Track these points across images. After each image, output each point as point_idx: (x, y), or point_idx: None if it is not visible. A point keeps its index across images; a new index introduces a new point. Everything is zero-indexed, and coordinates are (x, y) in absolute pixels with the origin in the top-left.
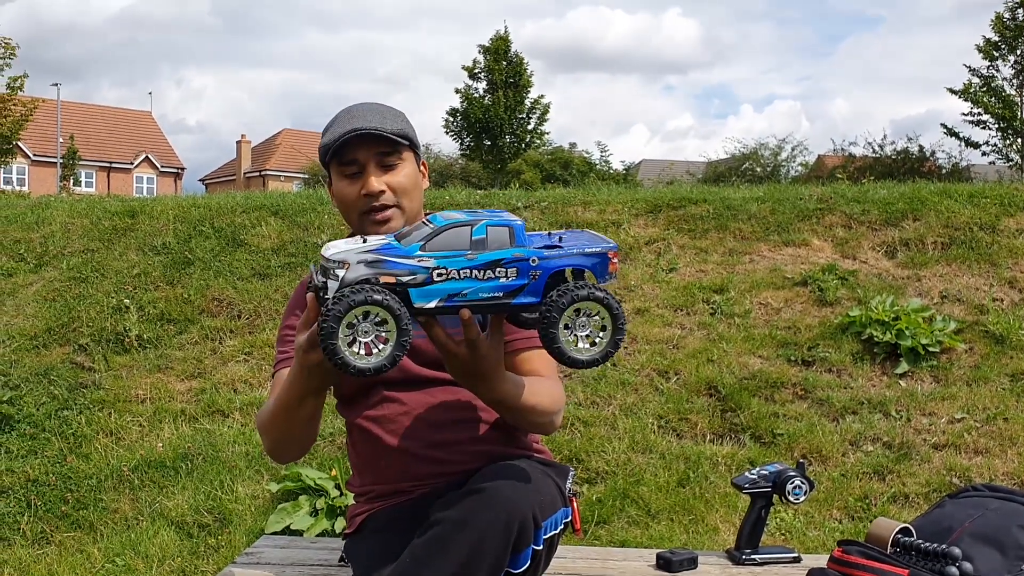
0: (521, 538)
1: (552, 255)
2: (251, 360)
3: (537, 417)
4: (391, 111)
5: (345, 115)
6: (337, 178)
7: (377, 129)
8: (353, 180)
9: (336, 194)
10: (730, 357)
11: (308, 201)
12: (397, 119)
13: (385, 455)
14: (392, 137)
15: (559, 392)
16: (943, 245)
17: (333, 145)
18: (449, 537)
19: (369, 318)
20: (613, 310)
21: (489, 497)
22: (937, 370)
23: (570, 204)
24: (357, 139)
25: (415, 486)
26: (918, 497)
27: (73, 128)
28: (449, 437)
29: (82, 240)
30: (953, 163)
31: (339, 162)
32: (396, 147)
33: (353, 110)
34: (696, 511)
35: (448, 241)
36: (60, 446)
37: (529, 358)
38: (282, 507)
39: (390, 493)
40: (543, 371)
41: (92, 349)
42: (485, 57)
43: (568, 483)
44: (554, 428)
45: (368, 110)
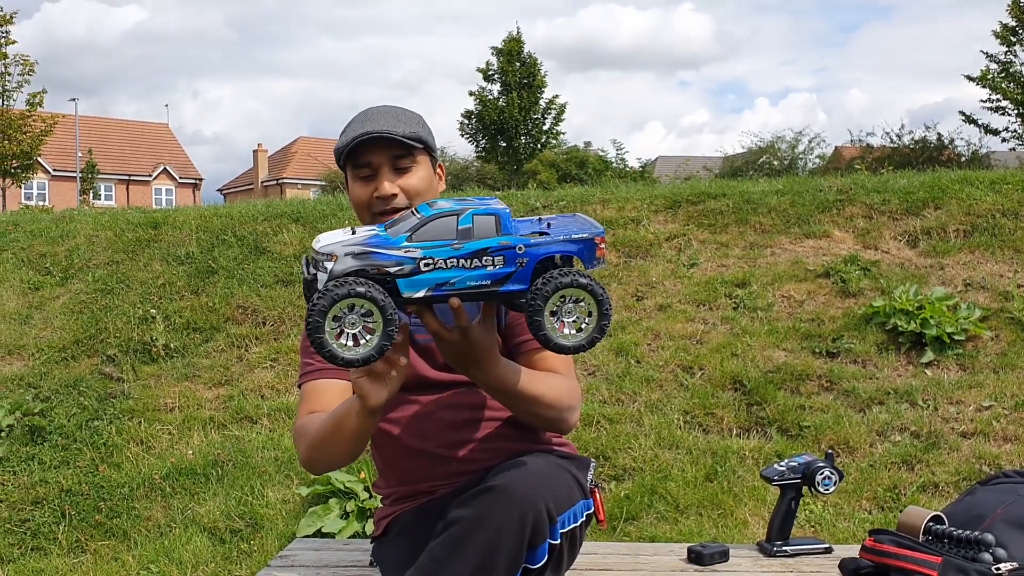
0: (536, 533)
1: (538, 242)
2: (277, 366)
3: (542, 409)
4: (407, 114)
5: (360, 118)
6: (352, 180)
7: (389, 132)
8: (367, 182)
9: (351, 196)
10: (754, 351)
11: (328, 207)
12: (412, 122)
13: (406, 457)
14: (405, 140)
15: (571, 388)
16: (965, 233)
17: (346, 148)
18: (465, 536)
19: (355, 310)
20: (598, 296)
21: (501, 494)
22: (963, 358)
23: (588, 203)
24: (370, 142)
25: (436, 486)
26: (948, 486)
27: (92, 142)
28: (467, 436)
29: (106, 252)
30: (972, 150)
31: (353, 164)
32: (409, 150)
33: (368, 113)
34: (725, 505)
35: (435, 231)
36: (92, 456)
37: (544, 356)
38: (313, 511)
39: (413, 494)
40: (558, 369)
41: (120, 359)
42: (498, 59)
43: (589, 475)
44: (568, 425)
45: (383, 113)
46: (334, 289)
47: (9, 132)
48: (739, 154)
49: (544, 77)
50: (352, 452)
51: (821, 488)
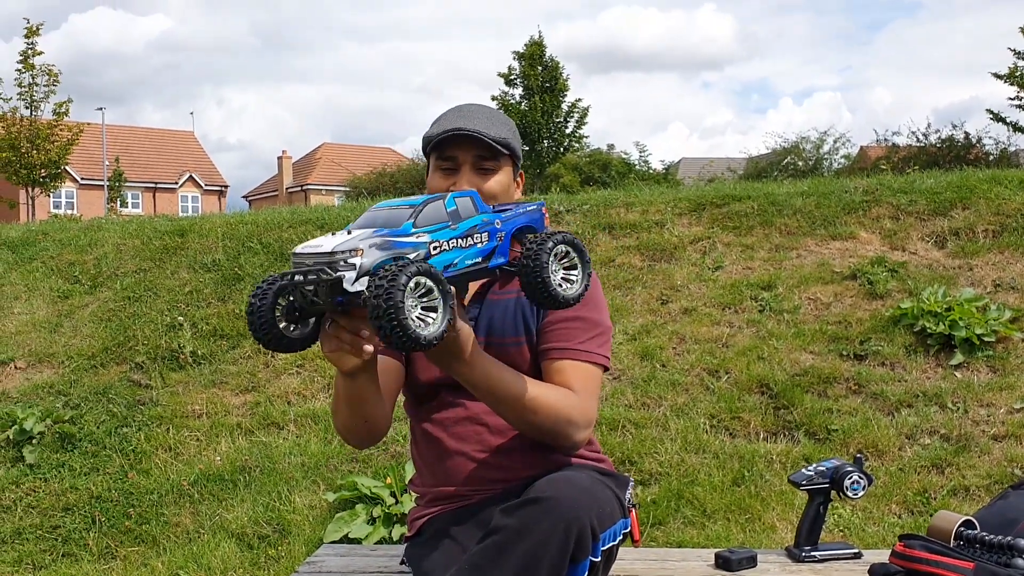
0: (579, 548)
1: (509, 216)
2: (303, 372)
3: (535, 417)
4: (500, 117)
5: (455, 112)
6: (433, 170)
7: (480, 133)
8: (447, 175)
9: (429, 187)
10: (781, 354)
11: (353, 214)
12: (503, 127)
13: (446, 458)
14: (492, 143)
15: (577, 404)
16: (994, 233)
17: (435, 139)
18: (507, 545)
19: (416, 291)
20: (579, 247)
21: (548, 506)
22: (993, 360)
23: (612, 206)
24: (459, 137)
25: (475, 491)
26: (979, 490)
27: (118, 151)
28: (510, 443)
29: (134, 260)
30: (1001, 149)
31: (438, 155)
32: (495, 153)
33: (464, 109)
34: (752, 510)
35: (431, 215)
36: (121, 462)
37: (561, 369)
38: (339, 516)
39: (450, 497)
40: (573, 385)
41: (148, 367)
42: (520, 63)
43: (628, 493)
44: (570, 441)
45: (478, 112)
46: (404, 268)
47: (37, 142)
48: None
49: (566, 81)
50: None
51: (850, 493)
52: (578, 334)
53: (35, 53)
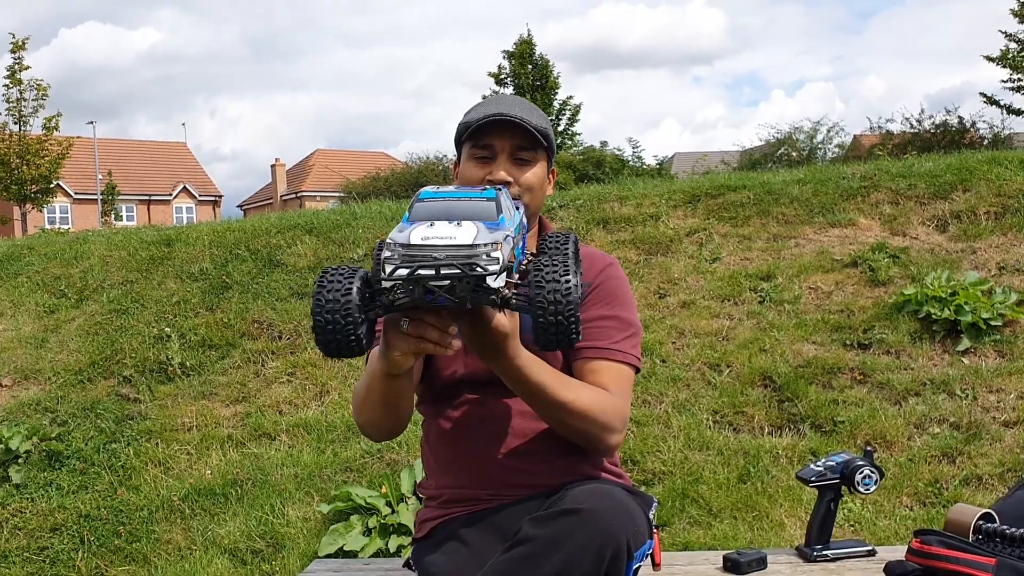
0: (614, 566)
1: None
2: (294, 381)
3: (571, 418)
4: (537, 108)
5: (493, 100)
6: (467, 158)
7: (523, 120)
8: (482, 164)
9: (462, 174)
10: (783, 345)
11: (342, 217)
12: (542, 118)
13: (464, 459)
14: (534, 131)
15: (613, 406)
16: (996, 215)
17: (475, 124)
18: (538, 556)
19: None
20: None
21: (585, 519)
22: (1001, 344)
23: (606, 200)
24: (499, 124)
25: (494, 495)
26: (992, 478)
27: (111, 164)
28: (535, 447)
29: (120, 272)
30: (995, 132)
31: (474, 144)
32: (534, 144)
33: (501, 98)
34: (760, 507)
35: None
36: (110, 479)
37: (596, 369)
38: (334, 528)
39: (466, 499)
40: (608, 385)
41: (136, 380)
42: (510, 62)
43: (651, 513)
44: (605, 444)
45: (516, 102)
46: (565, 264)
47: (27, 157)
48: (757, 147)
49: (557, 78)
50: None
51: (861, 488)
52: (613, 333)
53: (22, 68)
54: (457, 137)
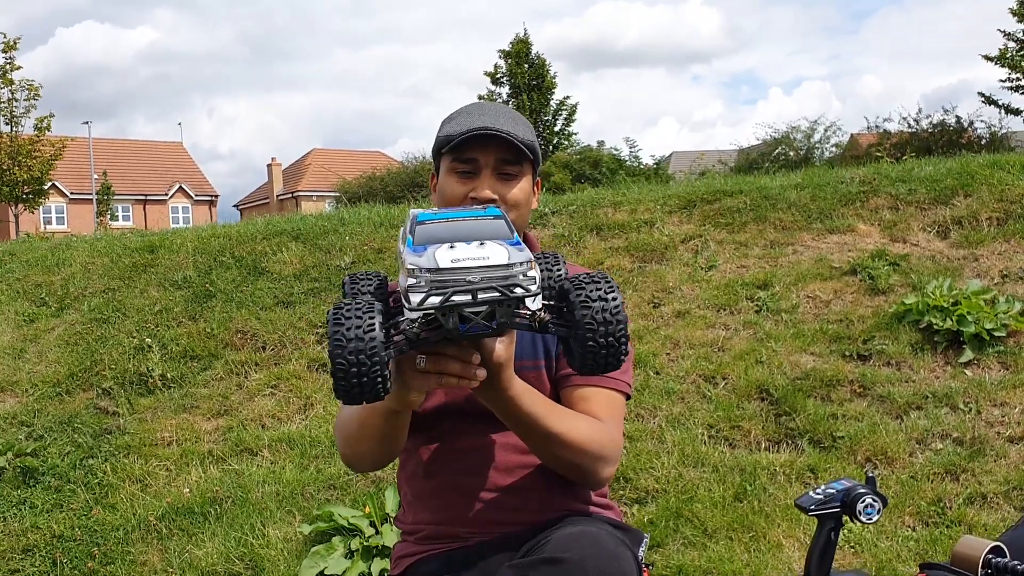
0: None
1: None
2: (278, 393)
3: (564, 451)
4: (522, 119)
5: (475, 110)
6: (447, 173)
7: (509, 133)
8: (464, 179)
9: (442, 190)
10: (780, 357)
11: (330, 223)
12: (527, 129)
13: (444, 493)
14: (520, 146)
15: (607, 437)
16: (999, 221)
17: (457, 137)
18: None
19: None
20: None
21: (569, 570)
22: (1005, 356)
23: (599, 206)
24: (483, 138)
25: (474, 533)
26: (997, 497)
27: (107, 164)
28: (519, 483)
29: (102, 280)
30: (992, 132)
31: (456, 157)
32: (520, 157)
33: (484, 107)
34: (756, 527)
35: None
36: (85, 497)
37: (587, 397)
38: (315, 550)
39: (444, 536)
40: (600, 414)
41: (116, 392)
42: (506, 62)
43: (641, 552)
44: (597, 478)
45: (499, 111)
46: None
47: (19, 158)
48: (754, 146)
49: (554, 78)
50: (383, 454)
51: (863, 517)
52: None
53: (13, 68)
54: (436, 148)
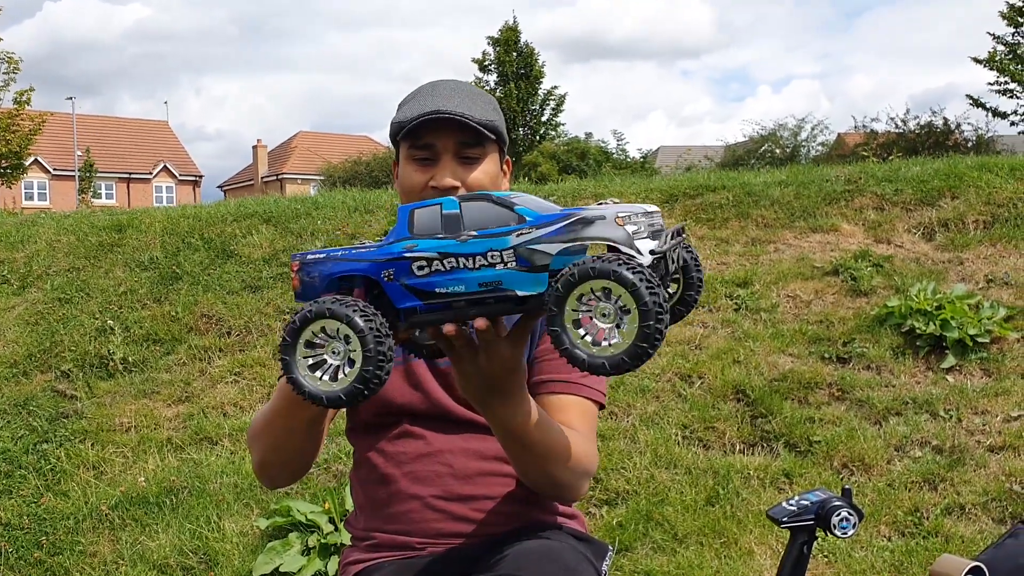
0: None
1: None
2: (241, 381)
3: (559, 469)
4: (482, 96)
5: (429, 91)
6: (406, 161)
7: (464, 116)
8: (424, 167)
9: (402, 179)
10: (758, 357)
11: (303, 206)
12: (488, 106)
13: (397, 500)
14: (478, 127)
15: (589, 451)
16: (985, 224)
17: (408, 124)
18: None
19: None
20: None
21: None
22: (988, 363)
23: (581, 197)
24: (438, 122)
25: (427, 543)
26: (976, 508)
27: (91, 141)
28: (476, 492)
29: (68, 258)
30: (979, 135)
31: (413, 144)
32: (480, 138)
33: (439, 87)
34: (728, 533)
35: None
36: (36, 483)
37: (564, 406)
38: (271, 546)
39: (395, 545)
40: (576, 425)
41: (75, 375)
42: (495, 49)
43: (605, 566)
44: (578, 494)
45: (456, 90)
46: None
47: None
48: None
49: (542, 67)
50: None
51: (838, 531)
52: None
53: None
54: (393, 136)
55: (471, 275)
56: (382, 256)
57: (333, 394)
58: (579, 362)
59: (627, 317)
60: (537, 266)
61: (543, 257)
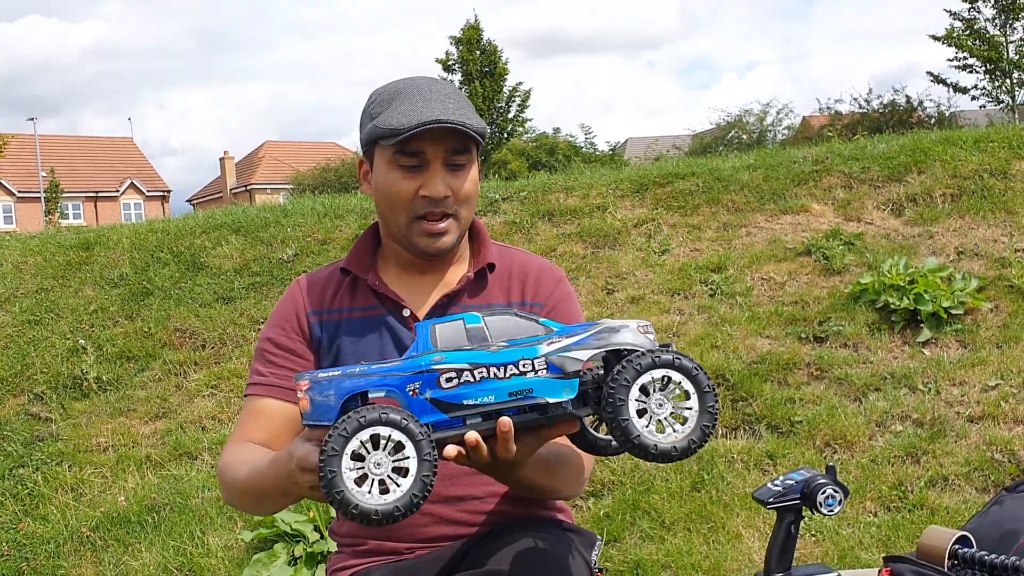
0: None
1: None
2: (219, 394)
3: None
4: (463, 97)
5: (415, 93)
6: (389, 167)
7: (464, 125)
8: (411, 175)
9: (384, 187)
10: (736, 340)
11: (272, 214)
12: (471, 107)
13: None
14: (473, 134)
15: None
16: (953, 197)
17: (405, 133)
18: None
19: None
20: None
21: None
22: (963, 334)
23: (551, 191)
24: (432, 130)
25: (414, 547)
26: (959, 479)
27: (55, 161)
28: (463, 492)
29: (35, 279)
30: (940, 111)
31: (400, 150)
32: (469, 144)
33: (423, 89)
34: (715, 518)
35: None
36: (14, 509)
37: None
38: (257, 558)
39: (382, 551)
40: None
41: (48, 397)
42: (458, 48)
43: (594, 556)
44: (567, 498)
45: (444, 94)
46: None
47: None
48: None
49: (506, 64)
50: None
51: (824, 509)
52: None
53: None
54: (369, 139)
55: (501, 384)
56: (408, 370)
57: (388, 509)
58: (648, 450)
59: (687, 403)
60: (569, 373)
61: (574, 363)
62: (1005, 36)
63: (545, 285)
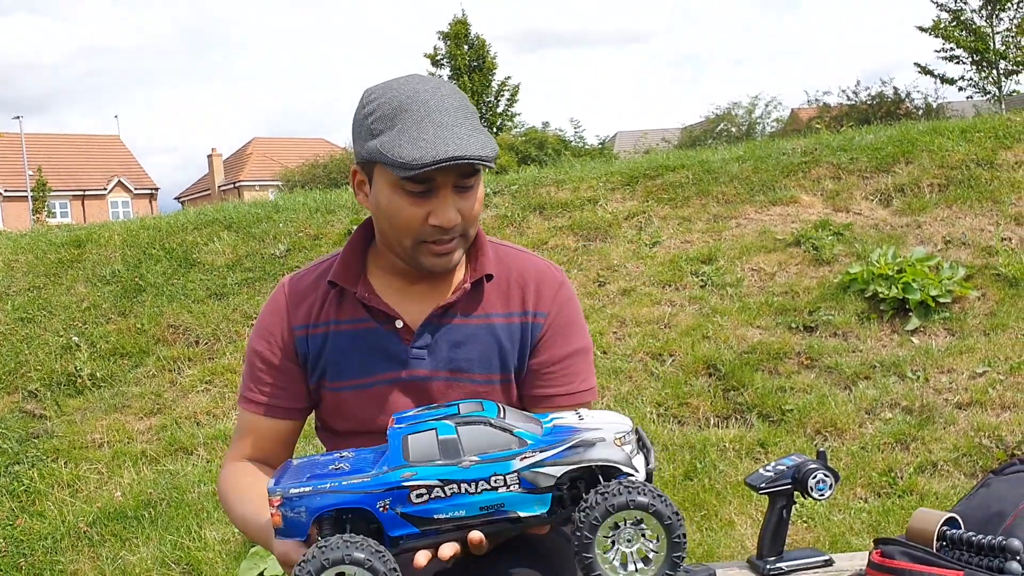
0: None
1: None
2: (213, 389)
3: None
4: (472, 112)
5: (422, 115)
6: (393, 191)
7: (482, 159)
8: (419, 200)
9: (388, 210)
10: (726, 331)
11: (263, 210)
12: (479, 122)
13: None
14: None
15: None
16: (940, 187)
17: (420, 170)
18: None
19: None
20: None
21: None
22: (950, 322)
23: (542, 184)
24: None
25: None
26: (947, 464)
27: (42, 160)
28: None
29: (27, 277)
30: (928, 102)
31: (410, 178)
32: (479, 167)
33: (433, 109)
34: (708, 505)
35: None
36: (11, 506)
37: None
38: (254, 551)
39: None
40: None
41: (42, 394)
42: (446, 43)
43: None
44: None
45: (454, 114)
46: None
47: None
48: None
49: (494, 59)
50: None
51: (815, 494)
52: (581, 369)
53: None
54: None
55: (472, 499)
56: (378, 487)
57: None
58: None
59: (654, 544)
60: (540, 488)
61: (547, 479)
62: (991, 27)
63: (547, 292)
